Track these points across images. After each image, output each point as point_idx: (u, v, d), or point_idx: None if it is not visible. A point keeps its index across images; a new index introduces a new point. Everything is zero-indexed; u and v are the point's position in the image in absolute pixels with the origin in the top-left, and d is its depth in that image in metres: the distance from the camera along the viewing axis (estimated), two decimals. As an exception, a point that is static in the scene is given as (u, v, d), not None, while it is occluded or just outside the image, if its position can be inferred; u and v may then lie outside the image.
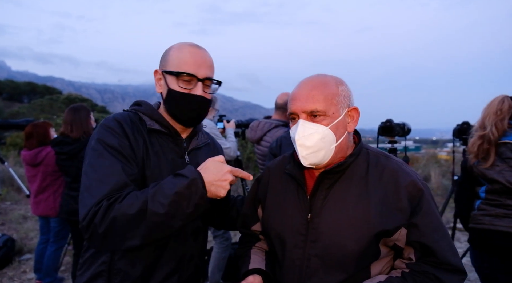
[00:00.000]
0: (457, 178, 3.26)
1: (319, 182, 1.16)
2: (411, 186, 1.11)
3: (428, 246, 1.07)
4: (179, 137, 1.29)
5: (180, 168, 1.17)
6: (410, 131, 2.82)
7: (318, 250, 1.11)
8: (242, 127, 3.87)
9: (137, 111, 1.27)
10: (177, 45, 1.24)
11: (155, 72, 1.27)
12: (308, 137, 1.11)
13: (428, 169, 9.86)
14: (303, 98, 1.12)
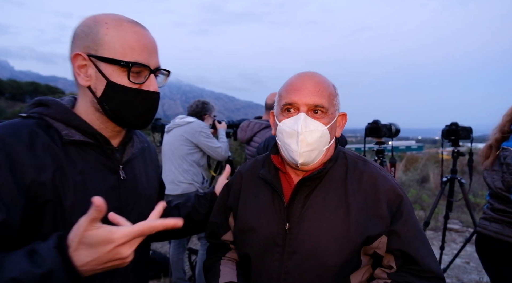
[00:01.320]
0: (446, 179, 3.26)
1: (297, 190, 1.10)
2: (390, 191, 1.09)
3: (409, 254, 1.05)
4: (110, 147, 0.98)
5: (115, 188, 0.96)
6: (399, 133, 2.81)
7: (297, 262, 1.06)
8: (234, 127, 3.87)
9: (43, 116, 0.91)
10: (109, 20, 0.91)
11: (75, 56, 0.90)
12: (310, 134, 1.05)
13: (427, 169, 9.83)
14: (309, 91, 1.07)
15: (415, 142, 73.51)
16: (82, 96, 0.96)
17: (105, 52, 0.90)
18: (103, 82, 0.91)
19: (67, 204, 0.86)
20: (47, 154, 0.85)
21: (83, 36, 0.91)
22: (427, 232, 5.52)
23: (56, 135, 0.89)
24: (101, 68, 0.90)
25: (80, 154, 0.92)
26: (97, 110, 0.95)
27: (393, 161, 2.70)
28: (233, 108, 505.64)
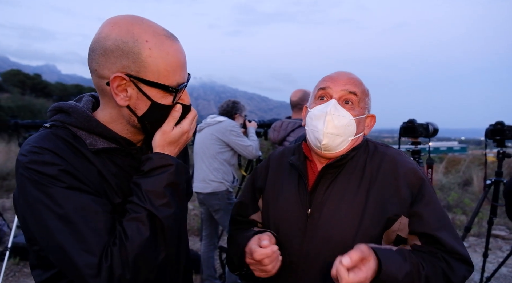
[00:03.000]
0: (490, 182, 3.05)
1: (320, 176, 1.15)
2: (410, 173, 1.10)
3: (433, 235, 1.04)
4: (134, 147, 0.98)
5: None
6: (437, 132, 2.67)
7: (317, 246, 1.10)
8: (264, 127, 3.87)
9: (66, 125, 0.91)
10: (149, 37, 0.86)
11: (114, 78, 0.85)
12: (338, 118, 1.11)
13: (470, 172, 9.27)
14: (343, 81, 1.15)
15: (457, 143, 69.46)
16: (113, 109, 0.92)
17: (148, 75, 0.86)
18: (147, 103, 0.89)
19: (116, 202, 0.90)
20: (83, 159, 0.89)
21: (120, 54, 0.84)
22: (470, 238, 5.20)
23: (80, 142, 0.90)
24: (143, 89, 0.88)
25: (108, 159, 0.93)
26: (131, 125, 0.94)
27: (430, 162, 2.57)
28: (265, 109, 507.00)
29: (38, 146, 0.84)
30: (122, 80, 0.86)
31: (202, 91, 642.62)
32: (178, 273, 1.08)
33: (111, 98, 0.90)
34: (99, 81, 0.90)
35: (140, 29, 0.86)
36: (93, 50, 0.88)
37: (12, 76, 30.88)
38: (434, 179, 8.61)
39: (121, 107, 0.91)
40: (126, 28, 0.85)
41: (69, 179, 0.82)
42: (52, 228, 0.80)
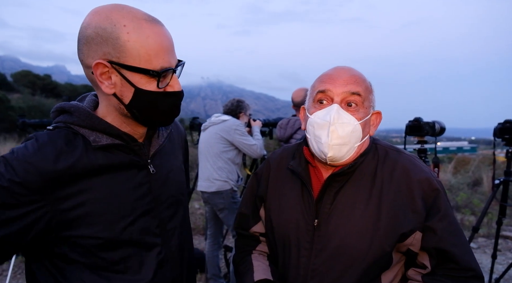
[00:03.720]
0: (498, 181, 2.99)
1: (326, 185, 1.06)
2: (425, 183, 1.02)
3: (446, 251, 0.99)
4: (136, 143, 0.96)
5: (146, 183, 0.96)
6: (444, 131, 2.62)
7: (325, 259, 1.03)
8: (270, 126, 3.86)
9: (69, 125, 0.91)
10: (127, 22, 0.84)
11: (96, 65, 0.85)
12: (342, 126, 1.00)
13: (480, 172, 9.12)
14: (345, 80, 1.03)
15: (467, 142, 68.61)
16: (105, 100, 0.93)
17: (129, 60, 0.85)
18: (131, 90, 0.88)
19: (96, 206, 0.88)
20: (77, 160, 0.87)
21: (100, 41, 0.84)
22: (479, 239, 5.12)
23: (82, 142, 0.89)
24: (126, 76, 0.86)
25: (108, 156, 0.91)
26: (124, 115, 0.93)
27: (436, 161, 2.53)
28: (273, 108, 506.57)
29: (15, 156, 0.82)
30: (104, 67, 0.86)
31: (210, 91, 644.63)
32: (181, 269, 1.06)
33: (99, 88, 0.90)
34: (87, 72, 0.90)
35: (119, 14, 0.85)
36: (78, 41, 0.88)
37: (23, 77, 31.33)
38: (443, 179, 8.49)
39: (110, 97, 0.90)
40: (105, 15, 0.84)
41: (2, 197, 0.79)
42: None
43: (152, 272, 0.95)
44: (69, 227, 0.86)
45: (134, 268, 0.93)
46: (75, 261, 0.89)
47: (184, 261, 1.07)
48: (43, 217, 0.83)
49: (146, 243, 0.95)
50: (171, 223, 1.02)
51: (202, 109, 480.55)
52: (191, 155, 9.10)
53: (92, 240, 0.88)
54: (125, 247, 0.92)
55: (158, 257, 0.97)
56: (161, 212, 1.00)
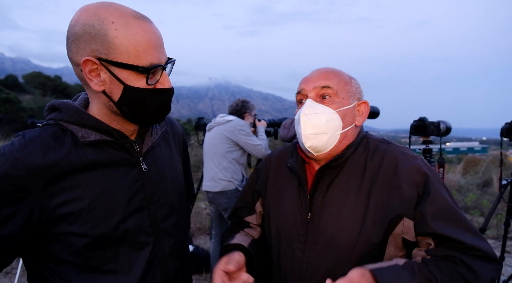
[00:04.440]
0: (506, 182, 2.95)
1: (318, 179, 1.10)
2: (413, 170, 1.02)
3: (445, 235, 0.94)
4: (127, 141, 0.95)
5: (138, 181, 0.95)
6: (449, 131, 2.59)
7: (318, 251, 1.06)
8: (275, 126, 3.86)
9: (58, 122, 0.91)
10: (115, 18, 0.84)
11: (85, 62, 0.84)
12: (315, 116, 1.06)
13: (490, 173, 8.98)
14: (315, 78, 1.11)
15: (478, 143, 67.28)
16: (95, 98, 0.92)
17: (117, 56, 0.84)
18: (120, 87, 0.87)
19: (85, 207, 0.87)
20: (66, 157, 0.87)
21: (88, 38, 0.83)
22: (488, 241, 5.04)
23: (71, 138, 0.89)
24: (115, 72, 0.86)
25: (97, 153, 0.90)
26: (114, 112, 0.92)
27: (442, 161, 2.50)
28: (280, 109, 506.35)
29: (1, 152, 0.83)
30: (93, 64, 0.85)
31: (217, 91, 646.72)
32: (175, 273, 1.03)
33: (89, 86, 0.89)
34: (77, 70, 0.89)
35: (107, 11, 0.85)
36: (67, 39, 0.88)
37: (34, 78, 31.86)
38: (452, 180, 8.39)
39: (100, 95, 0.90)
40: (93, 12, 0.84)
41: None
42: None
43: (141, 272, 0.93)
44: (59, 223, 0.86)
45: (124, 268, 0.92)
46: (66, 262, 0.88)
47: (178, 265, 1.05)
48: (34, 214, 0.83)
49: (138, 242, 0.94)
50: (165, 223, 1.01)
51: (210, 109, 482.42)
52: (197, 155, 9.12)
53: (83, 237, 0.87)
54: (116, 246, 0.91)
55: (150, 257, 0.96)
56: (154, 211, 0.98)
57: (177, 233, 1.05)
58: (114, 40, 0.84)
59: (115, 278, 0.91)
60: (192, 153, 9.84)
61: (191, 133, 10.48)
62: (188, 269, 1.14)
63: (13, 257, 0.88)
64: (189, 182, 1.29)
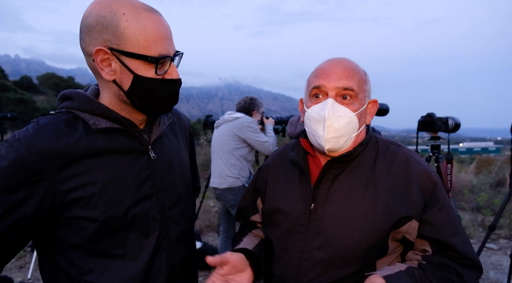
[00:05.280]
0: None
1: (325, 171, 1.10)
2: (423, 176, 1.05)
3: (445, 242, 1.01)
4: (136, 129, 0.99)
5: (147, 168, 0.98)
6: (458, 127, 2.56)
7: (320, 242, 1.05)
8: (283, 124, 3.87)
9: (70, 110, 0.95)
10: (126, 10, 0.88)
11: (97, 51, 0.89)
12: (338, 119, 1.04)
13: (503, 172, 8.80)
14: (337, 74, 1.06)
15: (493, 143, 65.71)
16: (106, 88, 0.96)
17: (128, 46, 0.88)
18: (130, 76, 0.91)
19: (96, 193, 0.90)
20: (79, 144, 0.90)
21: (100, 28, 0.88)
22: (500, 240, 4.96)
23: (82, 125, 0.93)
24: (125, 62, 0.90)
25: (108, 141, 0.94)
26: (123, 102, 0.96)
27: (450, 157, 2.48)
28: (290, 109, 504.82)
29: (16, 137, 0.87)
30: (105, 54, 0.89)
31: (227, 91, 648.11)
32: (181, 261, 1.06)
33: (100, 76, 0.93)
34: (89, 61, 0.93)
35: (118, 4, 0.89)
36: (80, 31, 0.92)
37: (48, 79, 32.50)
38: (464, 179, 8.26)
39: (110, 84, 0.94)
40: (106, 4, 0.89)
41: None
42: None
43: (148, 258, 0.96)
44: (71, 207, 0.89)
45: (132, 253, 0.95)
46: (76, 246, 0.91)
47: (185, 254, 1.07)
48: (47, 197, 0.86)
49: (146, 228, 0.97)
50: (172, 211, 1.03)
51: (220, 109, 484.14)
52: (206, 154, 9.17)
53: (94, 222, 0.90)
54: (125, 231, 0.94)
55: (157, 244, 0.98)
56: (162, 199, 1.01)
57: (183, 221, 1.08)
58: (125, 31, 0.88)
59: (123, 263, 0.94)
60: (201, 151, 9.90)
61: (201, 132, 10.54)
62: (194, 261, 1.16)
63: (27, 240, 0.92)
64: (195, 174, 1.31)
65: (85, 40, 0.92)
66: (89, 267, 0.92)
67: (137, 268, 0.95)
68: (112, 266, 0.93)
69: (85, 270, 0.92)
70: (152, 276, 0.98)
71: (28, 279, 3.74)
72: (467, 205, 6.44)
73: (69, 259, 0.92)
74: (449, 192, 2.54)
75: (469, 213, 6.10)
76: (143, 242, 0.97)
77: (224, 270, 1.04)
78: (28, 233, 0.90)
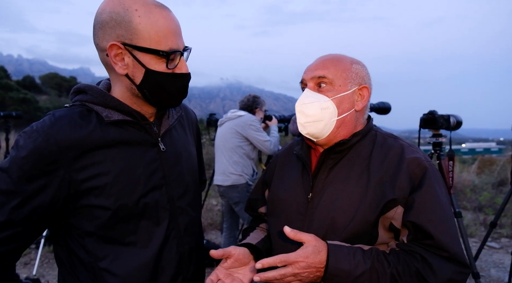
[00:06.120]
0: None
1: (321, 161, 1.15)
2: (414, 162, 1.06)
3: (421, 226, 0.98)
4: (147, 122, 1.02)
5: (157, 160, 1.02)
6: (460, 125, 2.58)
7: (315, 230, 1.09)
8: (285, 122, 3.90)
9: (84, 103, 0.98)
10: (138, 6, 0.92)
11: (111, 46, 0.92)
12: (308, 106, 1.12)
13: (505, 172, 8.80)
14: (313, 67, 1.16)
15: (495, 143, 65.27)
16: (118, 82, 1.00)
17: (140, 41, 0.92)
18: (141, 70, 0.94)
19: (108, 182, 0.94)
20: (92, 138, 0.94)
21: (114, 24, 0.92)
22: (502, 239, 4.97)
23: (96, 117, 0.96)
24: (137, 56, 0.93)
25: (120, 133, 0.97)
26: (135, 95, 0.99)
27: (451, 154, 2.50)
28: (292, 109, 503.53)
29: (34, 128, 0.90)
30: (118, 49, 0.93)
31: (229, 91, 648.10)
32: (189, 250, 1.09)
33: (113, 70, 0.97)
34: (102, 55, 0.97)
35: (130, 0, 0.93)
36: (94, 27, 0.96)
37: (50, 79, 32.61)
38: (466, 179, 8.26)
39: (123, 78, 0.97)
40: (118, 1, 0.93)
41: (17, 171, 0.87)
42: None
43: (159, 245, 1.00)
44: (86, 196, 0.92)
45: (144, 240, 0.99)
46: (90, 234, 0.95)
47: (193, 245, 1.10)
48: (63, 186, 0.90)
49: (156, 217, 1.01)
50: (180, 201, 1.07)
51: (221, 109, 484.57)
52: (208, 153, 9.21)
53: (107, 210, 0.93)
54: (136, 219, 0.98)
55: (167, 232, 1.02)
56: (171, 190, 1.05)
57: (191, 211, 1.12)
58: (138, 26, 0.92)
59: (135, 250, 0.98)
60: (203, 151, 9.93)
61: (203, 132, 10.58)
62: (202, 251, 1.20)
63: (43, 228, 0.96)
64: (201, 167, 1.35)
65: (99, 36, 0.95)
66: (102, 254, 0.96)
67: (148, 256, 0.98)
68: (124, 253, 0.97)
69: (99, 256, 0.95)
70: (162, 264, 1.01)
71: (34, 275, 3.78)
72: (469, 204, 6.45)
73: (83, 246, 0.96)
74: (450, 189, 2.56)
75: (471, 212, 6.11)
76: (154, 230, 1.00)
77: (227, 263, 1.08)
78: (45, 221, 0.94)
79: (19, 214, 0.88)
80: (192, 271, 1.11)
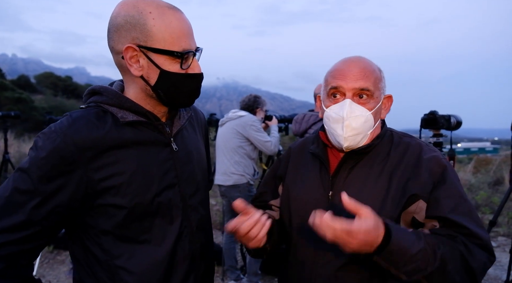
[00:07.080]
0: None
1: (343, 162, 1.17)
2: (433, 161, 1.11)
3: (452, 220, 1.02)
4: (160, 123, 1.04)
5: (170, 159, 1.04)
6: (460, 125, 2.62)
7: None
8: (286, 122, 3.92)
9: (99, 104, 1.00)
10: (152, 9, 0.94)
11: (127, 48, 0.94)
12: (355, 119, 1.11)
13: (501, 172, 8.90)
14: (354, 76, 1.12)
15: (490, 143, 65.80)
16: (133, 83, 1.01)
17: (155, 43, 0.94)
18: (156, 72, 0.96)
19: (124, 181, 0.95)
20: (109, 138, 0.95)
21: (129, 27, 0.93)
22: (499, 238, 5.03)
23: (111, 118, 0.98)
24: (152, 58, 0.95)
25: (135, 134, 0.99)
26: (149, 96, 1.01)
27: (452, 154, 2.54)
28: (288, 109, 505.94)
29: (52, 129, 0.92)
30: (133, 51, 0.95)
31: (225, 91, 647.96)
32: (201, 247, 1.10)
33: (127, 72, 0.99)
34: (117, 58, 0.99)
35: (144, 3, 0.95)
36: (109, 30, 0.98)
37: (45, 78, 32.38)
38: (463, 179, 8.33)
39: (137, 80, 0.99)
40: (132, 4, 0.95)
41: (36, 171, 0.89)
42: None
43: (172, 243, 1.02)
44: (103, 195, 0.94)
45: (158, 238, 1.01)
46: (106, 232, 0.96)
47: (204, 240, 1.13)
48: (81, 186, 0.92)
49: (170, 215, 1.03)
50: (192, 199, 1.09)
51: (218, 109, 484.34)
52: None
53: (123, 209, 0.95)
54: (151, 218, 0.99)
55: (180, 230, 1.04)
56: (184, 188, 1.07)
57: (202, 209, 1.14)
58: (152, 28, 0.94)
59: (150, 248, 1.00)
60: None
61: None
62: (212, 248, 1.22)
63: (61, 228, 0.97)
64: (209, 167, 1.37)
65: (114, 39, 0.97)
66: (118, 252, 0.97)
67: (162, 253, 1.00)
68: (139, 251, 0.99)
69: (114, 255, 0.97)
70: (176, 261, 1.03)
71: (34, 276, 3.77)
72: (466, 203, 6.51)
73: (99, 244, 0.98)
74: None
75: (468, 211, 6.16)
76: (168, 228, 1.02)
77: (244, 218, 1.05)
78: (63, 220, 0.95)
79: (39, 213, 0.89)
80: (203, 268, 1.13)
